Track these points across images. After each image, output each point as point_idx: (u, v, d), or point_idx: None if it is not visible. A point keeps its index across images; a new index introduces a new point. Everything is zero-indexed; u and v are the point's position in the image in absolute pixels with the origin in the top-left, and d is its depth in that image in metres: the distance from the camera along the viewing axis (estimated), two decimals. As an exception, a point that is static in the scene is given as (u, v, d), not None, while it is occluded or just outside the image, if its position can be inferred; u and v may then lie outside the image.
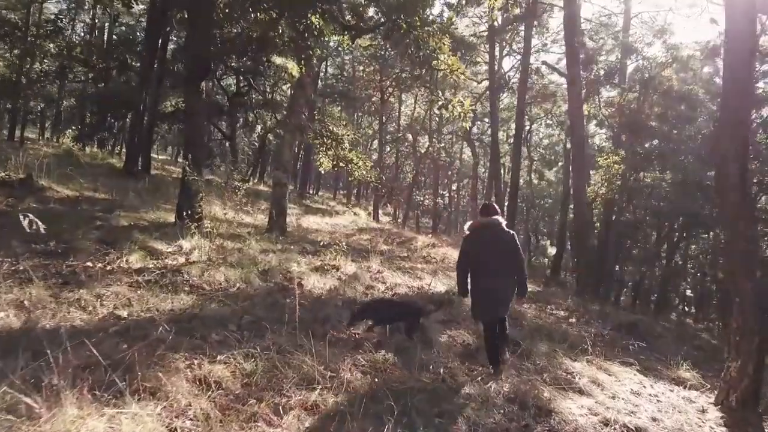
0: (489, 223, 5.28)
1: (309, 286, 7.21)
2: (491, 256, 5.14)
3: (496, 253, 5.14)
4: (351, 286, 7.73)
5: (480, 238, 5.25)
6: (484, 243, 5.20)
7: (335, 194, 34.38)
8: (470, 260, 5.27)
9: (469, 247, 5.30)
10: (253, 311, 5.59)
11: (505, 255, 5.15)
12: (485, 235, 5.24)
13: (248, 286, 6.64)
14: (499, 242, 5.18)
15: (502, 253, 5.15)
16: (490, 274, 5.12)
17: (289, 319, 5.21)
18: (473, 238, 5.32)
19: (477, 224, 5.40)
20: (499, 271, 5.12)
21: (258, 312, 5.59)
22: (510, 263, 5.16)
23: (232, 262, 7.40)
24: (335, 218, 21.09)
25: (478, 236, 5.29)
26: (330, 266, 8.46)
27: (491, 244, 5.18)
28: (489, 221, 5.28)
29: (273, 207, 10.81)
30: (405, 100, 34.01)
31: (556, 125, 23.62)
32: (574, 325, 8.90)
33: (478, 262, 5.19)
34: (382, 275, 8.85)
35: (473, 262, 5.24)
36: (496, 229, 5.24)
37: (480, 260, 5.17)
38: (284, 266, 7.89)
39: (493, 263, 5.13)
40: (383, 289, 8.09)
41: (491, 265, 5.13)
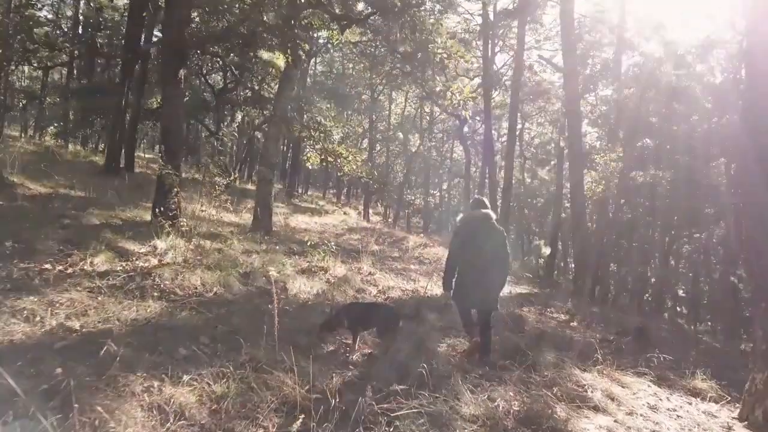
0: (481, 216, 5.31)
1: (294, 290, 6.57)
2: (482, 249, 5.16)
3: (486, 247, 5.17)
4: (341, 289, 7.11)
5: (471, 232, 5.28)
6: (475, 236, 5.22)
7: (325, 194, 33.65)
8: (461, 253, 5.26)
9: (461, 241, 5.29)
10: (229, 320, 4.95)
11: (494, 249, 5.18)
12: (477, 229, 5.27)
13: (226, 291, 5.99)
14: (490, 236, 5.23)
15: (492, 246, 5.18)
16: (479, 267, 5.14)
17: (270, 329, 4.57)
18: (465, 231, 5.35)
19: (469, 218, 5.46)
20: (489, 264, 5.16)
21: (235, 321, 4.95)
22: (499, 257, 5.21)
23: (210, 263, 6.74)
24: (324, 217, 20.43)
25: (470, 229, 5.31)
26: (318, 268, 7.83)
27: (482, 238, 5.21)
28: (481, 215, 5.32)
29: (258, 205, 10.15)
30: (395, 99, 33.41)
31: (549, 123, 23.17)
32: (577, 330, 8.35)
33: (468, 255, 5.19)
34: (373, 277, 8.24)
35: (464, 255, 5.23)
36: (487, 223, 5.27)
37: (471, 253, 5.17)
38: (268, 268, 7.23)
39: (483, 256, 5.15)
40: (375, 292, 7.48)
41: (481, 259, 5.14)
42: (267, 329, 4.64)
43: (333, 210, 23.80)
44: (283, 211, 19.37)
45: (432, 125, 30.46)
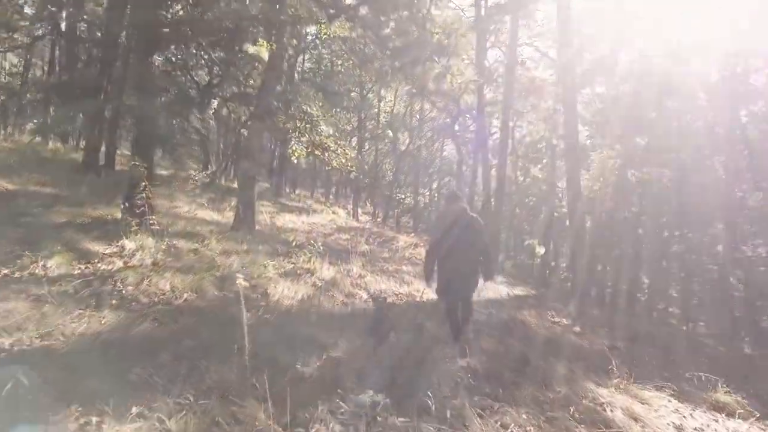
0: (457, 210, 5.39)
1: (277, 296, 5.86)
2: (459, 241, 5.20)
3: (463, 239, 5.21)
4: (328, 294, 6.42)
5: (448, 225, 5.34)
6: (452, 229, 5.27)
7: (313, 193, 32.80)
8: (439, 247, 5.33)
9: (439, 235, 5.41)
10: (198, 332, 4.24)
11: (471, 241, 5.23)
12: (453, 222, 5.31)
13: (199, 297, 5.27)
14: (467, 228, 5.26)
15: (469, 238, 5.23)
16: (457, 259, 5.19)
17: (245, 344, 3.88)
18: (442, 226, 5.46)
19: (445, 212, 5.60)
20: (466, 255, 5.21)
21: (205, 334, 4.23)
22: (476, 248, 5.25)
23: (183, 266, 6.03)
24: (313, 217, 19.67)
25: (446, 223, 5.38)
26: (304, 270, 7.12)
27: (459, 230, 5.24)
28: (456, 208, 5.41)
29: (240, 202, 9.41)
30: (384, 97, 32.69)
31: (542, 121, 22.60)
32: (583, 335, 7.73)
33: (446, 247, 5.25)
34: (364, 280, 7.55)
35: (442, 248, 5.30)
36: (463, 216, 5.33)
37: (448, 245, 5.23)
38: (248, 270, 6.53)
39: (460, 248, 5.18)
40: (366, 297, 6.79)
41: (459, 250, 5.18)
42: (241, 344, 3.96)
43: (321, 209, 23.05)
44: (269, 210, 18.60)
45: (422, 123, 29.74)
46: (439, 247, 5.36)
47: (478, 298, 8.54)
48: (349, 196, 33.39)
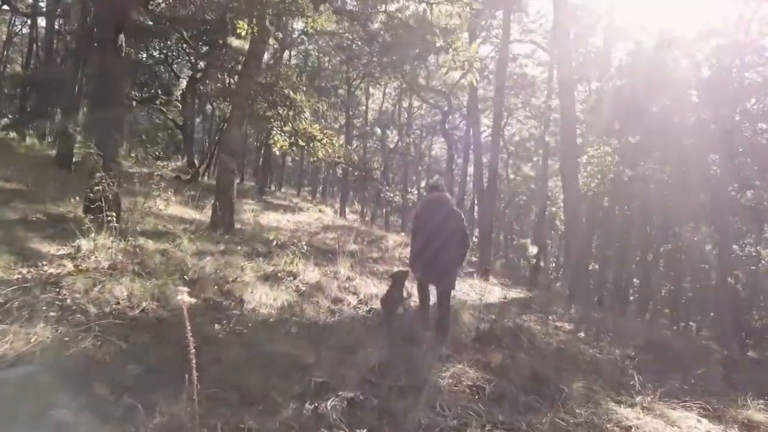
0: (436, 198, 5.43)
1: (253, 303, 5.08)
2: (438, 229, 5.24)
3: (442, 227, 5.24)
4: (312, 300, 5.65)
5: (428, 213, 5.39)
6: (432, 217, 5.32)
7: (299, 191, 31.92)
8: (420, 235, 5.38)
9: (420, 223, 5.45)
10: (151, 353, 3.46)
11: (451, 230, 5.25)
12: (433, 211, 5.36)
13: (161, 306, 4.48)
14: (446, 217, 5.29)
15: (448, 227, 5.24)
16: (436, 247, 5.20)
17: (206, 366, 3.13)
18: (422, 214, 5.48)
19: (425, 201, 5.64)
20: (445, 243, 5.21)
21: (160, 355, 3.45)
22: (455, 237, 5.27)
23: (146, 269, 5.22)
24: (298, 215, 18.92)
25: (427, 212, 5.43)
26: (285, 273, 6.35)
27: (438, 219, 5.28)
28: (436, 197, 5.45)
29: (218, 198, 8.60)
30: (372, 94, 31.94)
31: (533, 118, 22.03)
32: (589, 342, 7.05)
33: (426, 235, 5.29)
34: (353, 283, 6.79)
35: (422, 236, 5.34)
36: (443, 205, 5.38)
37: (428, 233, 5.28)
38: (222, 274, 5.74)
39: (439, 236, 5.22)
40: (355, 302, 6.03)
41: (437, 238, 5.22)
42: (206, 363, 3.21)
43: (308, 207, 22.26)
44: (253, 208, 17.76)
45: (411, 119, 29.08)
46: (419, 234, 5.41)
47: (478, 302, 7.89)
48: (337, 194, 32.59)
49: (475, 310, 6.54)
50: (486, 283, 11.25)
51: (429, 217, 5.36)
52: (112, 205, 5.60)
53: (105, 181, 5.21)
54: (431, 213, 5.37)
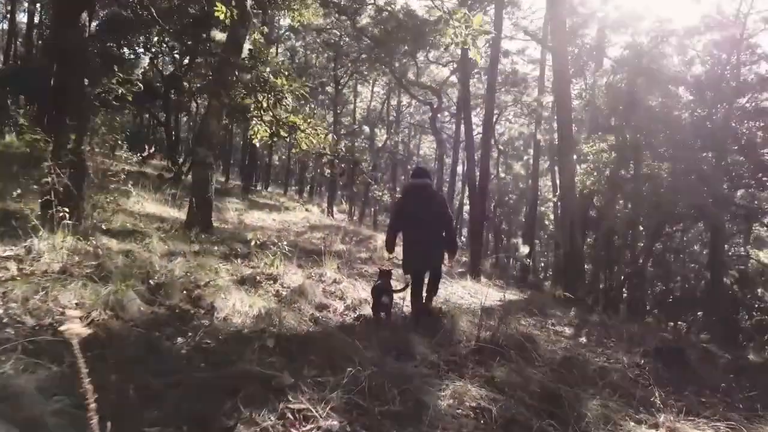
0: (420, 184, 5.35)
1: (226, 311, 4.43)
2: (422, 214, 5.20)
3: (426, 212, 5.20)
4: (293, 306, 5.02)
5: (412, 199, 5.36)
6: (415, 203, 5.27)
7: (286, 190, 31.24)
8: (402, 219, 5.41)
9: (402, 208, 5.48)
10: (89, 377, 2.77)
11: (435, 214, 5.24)
12: (416, 196, 5.31)
13: (116, 316, 3.81)
14: (430, 202, 5.28)
15: (432, 212, 5.23)
16: (420, 231, 5.21)
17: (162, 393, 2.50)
18: (406, 199, 5.53)
19: (409, 186, 5.58)
20: (429, 228, 5.22)
21: (100, 378, 2.78)
22: (439, 222, 5.27)
23: (105, 272, 4.55)
24: (285, 214, 18.29)
25: (410, 197, 5.42)
26: (265, 276, 5.71)
27: (422, 204, 5.23)
28: (420, 183, 5.37)
29: (194, 195, 7.93)
30: (360, 93, 31.35)
31: (525, 115, 21.54)
32: (594, 350, 6.51)
33: (409, 220, 5.30)
34: (339, 287, 6.17)
35: (405, 221, 5.37)
36: (426, 191, 5.34)
37: (411, 218, 5.27)
38: (193, 277, 5.08)
39: (423, 221, 5.20)
40: (342, 308, 5.41)
41: (422, 223, 5.19)
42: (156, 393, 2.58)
43: (294, 206, 21.59)
44: (237, 207, 17.08)
45: (399, 117, 28.48)
46: (400, 220, 5.44)
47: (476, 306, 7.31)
48: (325, 194, 31.89)
49: (472, 316, 5.95)
50: (478, 284, 10.71)
51: (413, 203, 5.33)
52: (66, 199, 4.91)
53: (54, 172, 4.52)
54: (415, 198, 5.34)
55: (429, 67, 24.40)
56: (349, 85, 28.18)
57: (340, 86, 26.72)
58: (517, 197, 24.97)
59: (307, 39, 26.83)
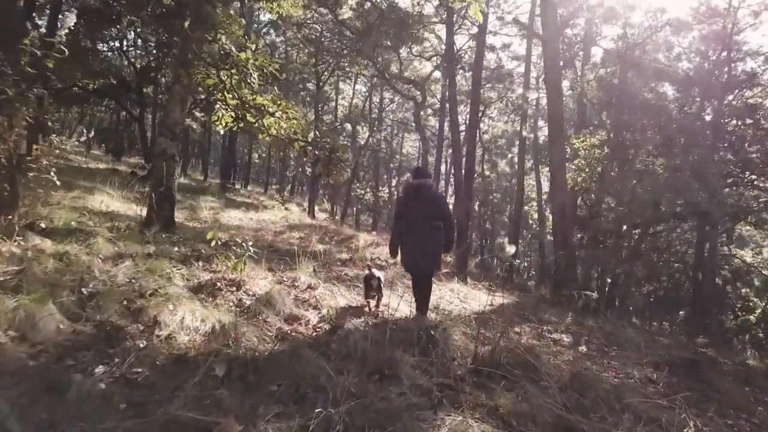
0: (420, 184, 5.29)
1: (171, 327, 3.58)
2: (421, 214, 5.17)
3: (425, 212, 5.16)
4: (258, 319, 4.19)
5: (412, 198, 5.28)
6: (415, 203, 5.23)
7: (266, 188, 30.19)
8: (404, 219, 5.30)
9: (403, 209, 5.36)
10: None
11: (433, 215, 5.17)
12: (417, 196, 5.25)
13: (20, 338, 2.94)
14: (429, 202, 5.22)
15: (431, 212, 5.17)
16: (419, 231, 5.18)
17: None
18: (407, 199, 5.36)
19: (410, 186, 5.41)
20: (427, 228, 5.16)
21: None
22: (438, 222, 5.17)
23: (21, 279, 3.67)
24: (263, 213, 17.34)
25: (411, 197, 5.31)
26: (227, 281, 4.85)
27: (422, 204, 5.20)
28: (420, 183, 5.30)
29: (154, 190, 7.02)
30: (343, 90, 30.49)
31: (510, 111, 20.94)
32: (599, 362, 5.79)
33: (407, 221, 5.26)
34: (314, 293, 5.34)
35: (404, 221, 5.30)
36: (427, 191, 5.28)
37: (411, 218, 5.23)
38: (139, 285, 4.22)
39: (422, 221, 5.16)
40: (316, 320, 4.58)
41: (420, 223, 5.17)
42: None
43: (273, 205, 20.63)
44: (213, 206, 16.16)
45: (382, 114, 27.68)
46: (403, 221, 5.31)
47: (467, 312, 6.58)
48: (305, 194, 30.96)
49: (466, 326, 5.19)
50: (466, 286, 9.96)
51: (412, 202, 5.24)
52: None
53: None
54: (414, 197, 5.24)
55: (412, 63, 23.68)
56: (331, 82, 27.31)
57: (321, 83, 25.83)
58: (501, 196, 24.38)
59: (287, 34, 25.87)
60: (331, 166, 4.77)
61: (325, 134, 4.77)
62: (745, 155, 14.57)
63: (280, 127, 4.89)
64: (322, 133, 4.74)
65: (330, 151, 4.77)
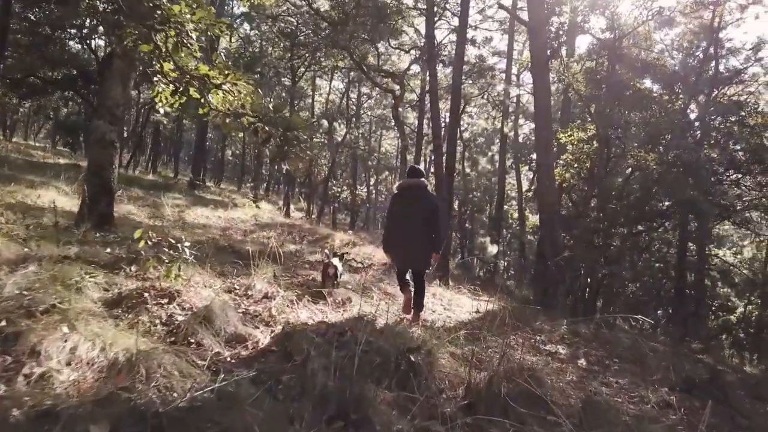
0: (414, 184, 5.29)
1: (55, 360, 2.56)
2: (409, 214, 5.15)
3: (416, 212, 5.13)
4: (187, 343, 3.18)
5: (405, 197, 5.27)
6: (407, 202, 5.21)
7: (240, 186, 28.92)
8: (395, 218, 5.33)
9: (396, 207, 5.36)
10: None
11: (423, 215, 5.12)
12: (410, 195, 5.24)
13: None
14: (421, 202, 5.18)
15: (422, 212, 5.13)
16: (405, 231, 5.18)
17: None
18: (399, 197, 5.35)
19: (404, 184, 5.40)
20: (415, 228, 5.14)
21: None
22: (428, 223, 5.14)
23: None
24: (233, 211, 16.22)
25: (403, 195, 5.30)
26: (157, 292, 3.82)
27: (413, 204, 5.17)
28: (414, 182, 5.30)
29: (89, 181, 5.94)
30: (319, 87, 29.39)
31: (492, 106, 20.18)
32: (607, 381, 4.94)
33: (397, 220, 5.30)
34: (270, 304, 4.34)
35: (394, 220, 5.34)
36: (420, 191, 5.25)
37: (399, 218, 5.26)
38: (31, 298, 3.17)
39: (409, 221, 5.16)
40: (267, 341, 3.58)
41: (408, 223, 5.17)
42: None
43: (245, 203, 19.48)
44: (179, 203, 15.02)
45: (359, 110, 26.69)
46: (395, 218, 5.33)
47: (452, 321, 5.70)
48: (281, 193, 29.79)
49: (453, 343, 4.26)
50: (449, 290, 9.07)
51: (404, 202, 5.24)
52: None
53: None
54: (406, 197, 5.24)
55: (391, 59, 22.79)
56: (307, 77, 26.22)
57: (297, 78, 24.75)
58: (483, 194, 23.64)
59: (263, 28, 24.73)
60: (288, 148, 3.78)
61: (281, 108, 3.75)
62: (731, 153, 14.08)
63: (225, 100, 3.92)
64: (276, 107, 3.71)
65: (286, 128, 3.77)
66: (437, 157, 12.40)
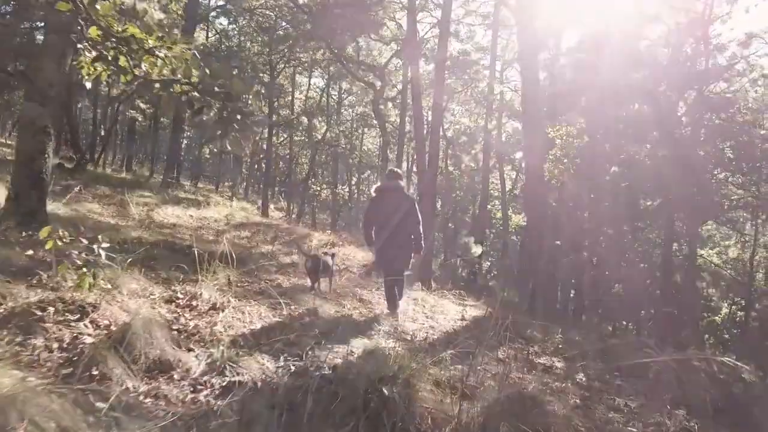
0: (392, 186, 5.33)
1: None
2: (391, 217, 5.15)
3: (395, 215, 5.14)
4: (88, 377, 2.37)
5: (382, 200, 5.29)
6: (386, 205, 5.23)
7: (218, 185, 27.86)
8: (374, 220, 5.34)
9: (373, 209, 5.40)
10: None
11: (403, 217, 5.14)
12: (387, 198, 5.26)
13: None
14: (400, 205, 5.20)
15: (401, 214, 5.15)
16: (389, 234, 5.15)
17: None
18: (377, 200, 5.37)
19: (382, 187, 5.44)
20: (395, 232, 5.15)
21: None
22: (408, 225, 5.18)
23: None
24: (206, 210, 15.32)
25: (381, 198, 5.32)
26: (68, 305, 3.00)
27: (392, 206, 5.19)
28: (392, 185, 5.34)
29: (17, 173, 5.08)
30: (300, 84, 28.47)
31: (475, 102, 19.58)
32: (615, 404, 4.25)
33: (379, 222, 5.25)
34: (216, 318, 3.54)
35: (374, 223, 5.33)
36: (397, 193, 5.30)
37: (381, 220, 5.23)
38: None
39: (389, 225, 5.14)
40: (202, 368, 2.78)
41: (387, 226, 5.15)
42: None
43: (220, 202, 18.56)
44: (149, 201, 14.08)
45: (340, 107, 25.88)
46: (372, 220, 5.34)
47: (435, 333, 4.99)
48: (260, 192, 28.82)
49: (437, 364, 3.50)
50: (432, 295, 8.33)
51: (382, 204, 5.25)
52: None
53: None
54: (384, 199, 5.26)
55: (372, 54, 22.03)
56: (287, 73, 25.34)
57: (276, 74, 23.87)
58: (465, 193, 23.02)
59: (240, 22, 23.81)
60: (231, 125, 3.01)
61: (220, 73, 2.96)
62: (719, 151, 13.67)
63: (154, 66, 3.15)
64: (214, 73, 2.93)
65: (225, 98, 3.00)
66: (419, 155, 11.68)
